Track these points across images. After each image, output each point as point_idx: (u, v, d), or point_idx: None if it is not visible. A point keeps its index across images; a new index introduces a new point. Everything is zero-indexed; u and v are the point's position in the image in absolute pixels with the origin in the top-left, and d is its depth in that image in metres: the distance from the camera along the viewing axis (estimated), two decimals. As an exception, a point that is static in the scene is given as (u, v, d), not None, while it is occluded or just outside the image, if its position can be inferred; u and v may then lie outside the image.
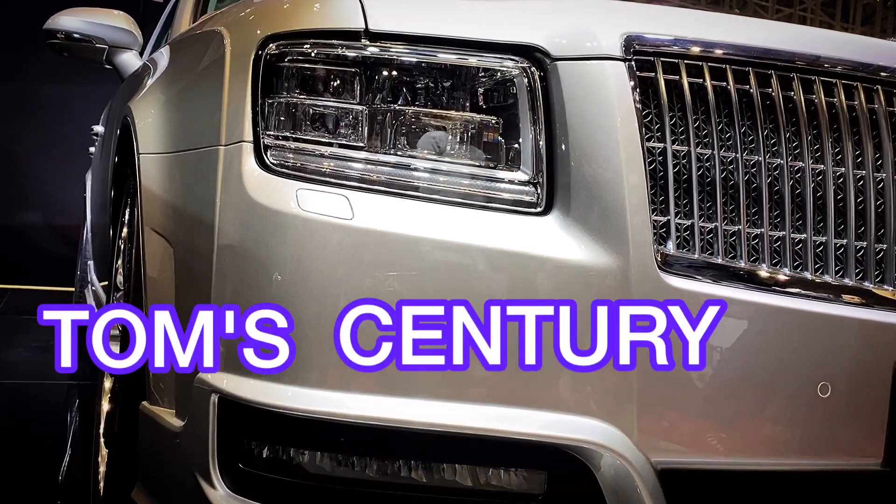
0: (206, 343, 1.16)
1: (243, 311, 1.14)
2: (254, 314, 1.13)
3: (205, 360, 1.16)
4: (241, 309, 1.14)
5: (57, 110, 6.05)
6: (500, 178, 1.20)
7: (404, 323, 1.10)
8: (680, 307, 1.13)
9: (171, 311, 1.24)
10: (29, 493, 2.05)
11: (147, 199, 1.49)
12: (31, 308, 5.02)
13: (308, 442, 1.13)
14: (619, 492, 1.13)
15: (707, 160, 1.22)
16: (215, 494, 1.15)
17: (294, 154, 1.19)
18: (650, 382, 1.14)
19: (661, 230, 1.19)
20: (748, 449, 1.18)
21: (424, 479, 1.15)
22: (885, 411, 1.21)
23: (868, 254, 1.26)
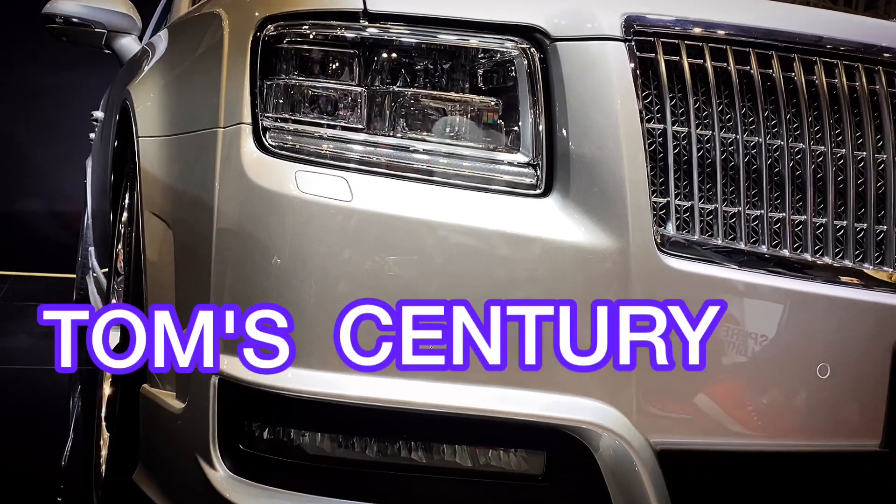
0: (207, 343, 1.16)
1: (243, 307, 1.14)
2: (256, 311, 1.13)
3: (205, 361, 1.16)
4: (242, 303, 1.14)
5: (57, 97, 6.04)
6: (500, 160, 1.20)
7: (404, 319, 1.09)
8: (680, 307, 1.13)
9: (171, 311, 1.23)
10: (32, 477, 2.06)
11: (146, 182, 1.49)
12: (33, 295, 5.04)
13: (308, 423, 1.14)
14: (617, 472, 1.13)
15: (707, 141, 1.21)
16: (216, 475, 1.15)
17: (293, 136, 1.19)
18: (649, 364, 1.14)
19: (661, 212, 1.19)
20: (747, 430, 1.18)
21: (424, 460, 1.15)
22: (885, 392, 1.21)
23: (868, 235, 1.26)
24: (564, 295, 1.14)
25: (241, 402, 1.15)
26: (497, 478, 1.15)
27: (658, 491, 1.14)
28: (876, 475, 1.25)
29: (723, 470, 1.24)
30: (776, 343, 1.18)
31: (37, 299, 4.86)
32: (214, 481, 1.15)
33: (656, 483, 1.14)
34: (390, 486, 1.13)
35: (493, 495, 1.15)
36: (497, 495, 1.15)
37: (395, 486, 1.13)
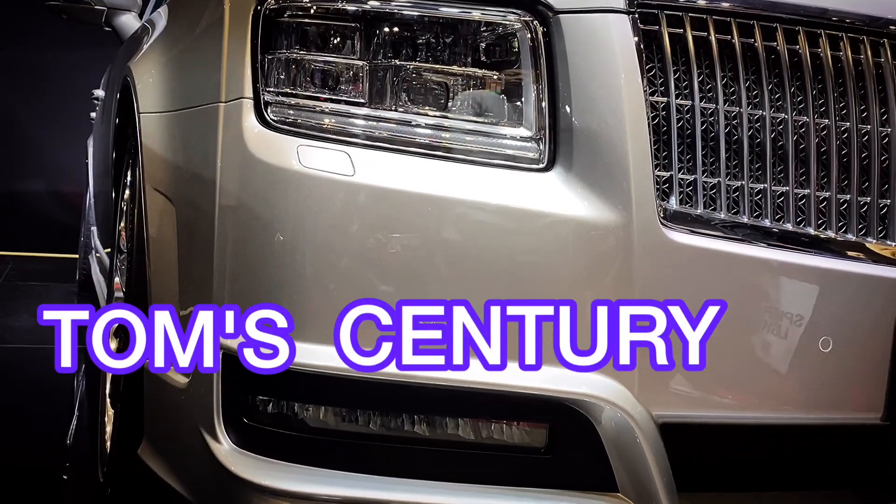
0: (207, 343, 1.16)
1: (246, 282, 1.14)
2: (256, 310, 1.13)
3: (205, 361, 1.16)
4: (245, 277, 1.14)
5: (58, 76, 6.02)
6: (502, 135, 1.19)
7: (405, 314, 1.10)
8: (680, 307, 1.12)
9: (171, 311, 1.23)
10: (37, 455, 2.08)
11: (148, 158, 1.49)
12: (36, 275, 5.05)
13: (311, 397, 1.14)
14: (619, 444, 1.14)
15: (711, 115, 1.21)
16: (220, 449, 1.16)
17: (294, 110, 1.18)
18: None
19: (664, 186, 1.18)
20: (749, 403, 1.19)
21: (427, 434, 1.16)
22: (886, 366, 1.22)
23: (871, 210, 1.26)
24: (567, 270, 1.14)
25: (246, 375, 1.15)
26: (499, 450, 1.16)
27: (660, 464, 1.15)
28: (877, 448, 1.25)
29: (725, 443, 1.24)
30: (778, 317, 1.18)
31: (39, 279, 4.88)
32: (219, 454, 1.15)
33: (658, 456, 1.14)
34: (393, 458, 1.14)
35: (495, 467, 1.15)
36: (500, 467, 1.15)
37: (398, 459, 1.14)
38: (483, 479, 1.15)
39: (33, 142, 6.11)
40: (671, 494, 1.15)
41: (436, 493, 1.12)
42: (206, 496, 1.22)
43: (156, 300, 1.44)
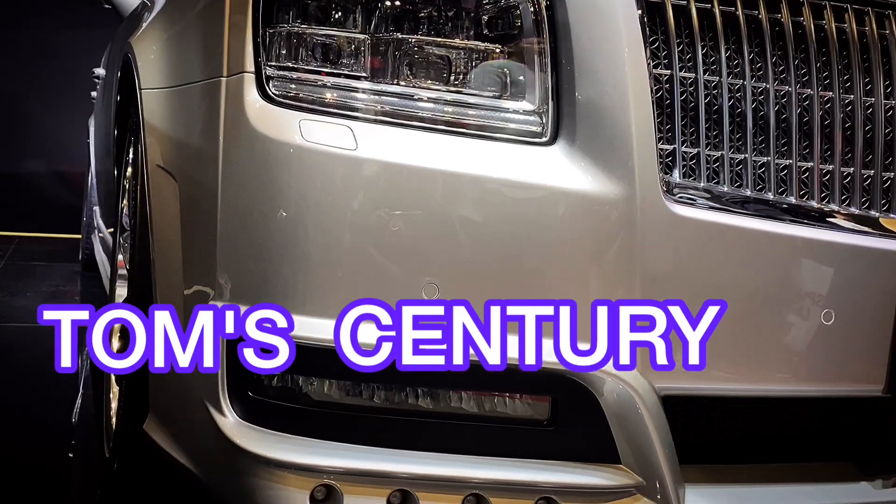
0: (207, 343, 1.16)
1: (248, 257, 1.14)
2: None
3: (204, 361, 1.17)
4: (247, 252, 1.15)
5: (58, 56, 6.00)
6: (505, 108, 1.19)
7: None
8: (680, 307, 1.12)
9: (171, 310, 1.22)
10: (43, 434, 2.09)
11: (150, 134, 1.48)
12: (39, 255, 5.06)
13: (316, 370, 1.15)
14: (621, 416, 1.15)
15: (714, 87, 1.20)
16: (226, 422, 1.17)
17: (296, 84, 1.18)
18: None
19: (667, 159, 1.18)
20: (751, 375, 1.19)
21: (431, 407, 1.17)
22: (888, 339, 1.22)
23: (875, 182, 1.25)
24: (570, 244, 1.14)
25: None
26: (503, 422, 1.17)
27: (662, 435, 1.15)
28: (878, 420, 1.26)
29: (727, 415, 1.25)
30: (781, 289, 1.18)
31: (42, 259, 4.89)
32: (224, 427, 1.16)
33: (660, 428, 1.15)
34: (397, 430, 1.15)
35: (498, 439, 1.16)
36: (503, 439, 1.16)
37: (402, 431, 1.15)
38: (486, 450, 1.16)
39: (35, 122, 6.10)
40: (673, 466, 1.16)
41: (439, 464, 1.13)
42: (211, 469, 1.23)
43: (159, 276, 1.44)
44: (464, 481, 1.12)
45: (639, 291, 1.14)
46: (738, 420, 1.27)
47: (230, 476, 1.17)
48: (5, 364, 2.70)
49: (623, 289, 1.13)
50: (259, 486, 1.13)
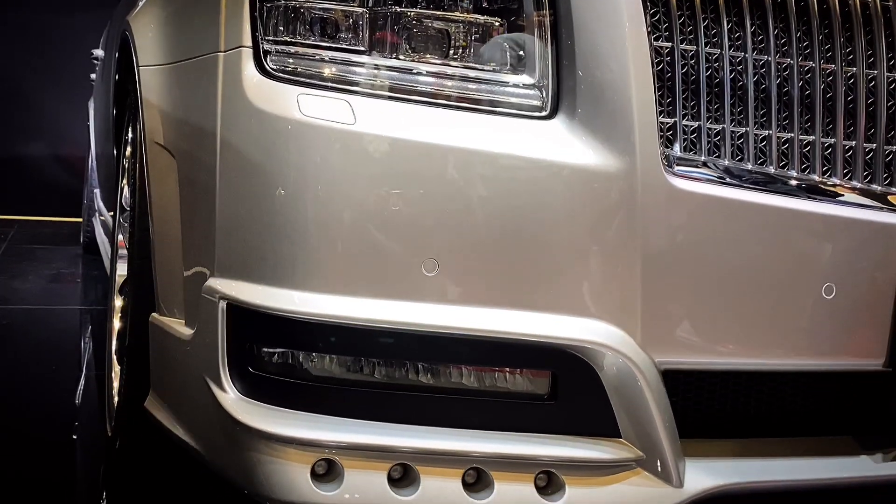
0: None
1: (248, 233, 1.13)
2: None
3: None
4: (247, 229, 1.14)
5: (57, 38, 5.97)
6: (505, 82, 1.18)
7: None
8: None
9: None
10: (46, 414, 2.10)
11: (148, 112, 1.48)
12: (40, 238, 5.06)
13: (316, 345, 1.15)
14: (621, 390, 1.15)
15: (716, 60, 1.19)
16: (226, 398, 1.17)
17: (294, 59, 1.17)
18: (655, 284, 1.14)
19: (668, 132, 1.17)
20: (752, 349, 1.19)
21: (431, 382, 1.17)
22: (889, 312, 1.22)
23: (877, 156, 1.25)
24: (570, 217, 1.13)
25: (250, 325, 1.16)
26: (503, 397, 1.17)
27: (662, 410, 1.15)
28: (879, 394, 1.26)
29: (727, 389, 1.25)
30: (782, 263, 1.18)
31: (43, 243, 4.89)
32: (225, 403, 1.16)
33: (660, 402, 1.15)
34: (397, 405, 1.15)
35: (499, 414, 1.16)
36: (503, 414, 1.16)
37: (403, 406, 1.15)
38: (487, 425, 1.16)
39: (34, 105, 6.08)
40: (673, 440, 1.16)
41: (440, 438, 1.13)
42: (212, 444, 1.23)
43: (159, 255, 1.44)
44: (464, 455, 1.13)
45: (639, 265, 1.13)
46: (738, 394, 1.27)
47: (231, 451, 1.17)
48: (8, 345, 2.71)
49: (624, 262, 1.13)
50: (260, 461, 1.13)
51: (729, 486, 1.19)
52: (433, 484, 1.12)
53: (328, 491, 1.11)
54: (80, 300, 3.54)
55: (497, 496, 1.12)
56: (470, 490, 1.13)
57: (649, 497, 1.15)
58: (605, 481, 1.15)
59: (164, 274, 1.42)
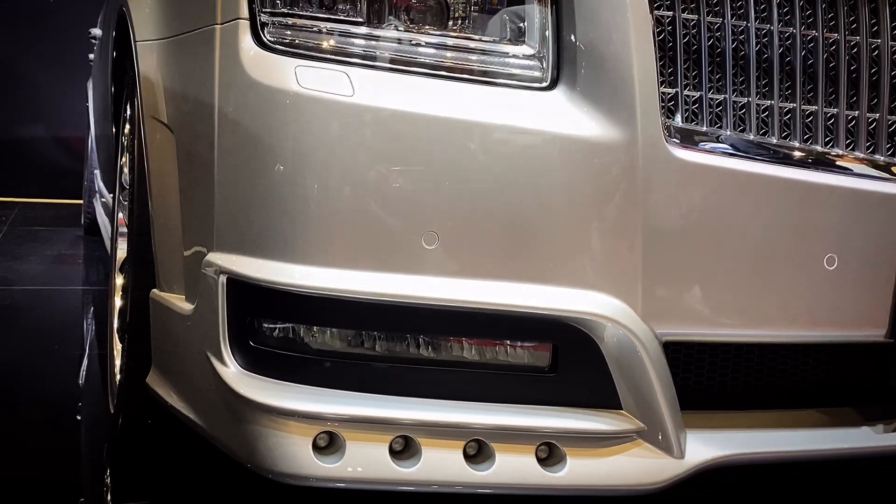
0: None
1: (247, 207, 1.13)
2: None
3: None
4: (245, 203, 1.14)
5: (55, 18, 5.93)
6: (505, 53, 1.17)
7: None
8: None
9: None
10: (49, 393, 2.11)
11: (146, 87, 1.47)
12: (41, 220, 5.06)
13: (316, 319, 1.15)
14: (621, 362, 1.14)
15: (717, 30, 1.18)
16: (227, 372, 1.17)
17: (292, 31, 1.16)
18: (656, 256, 1.14)
19: (670, 103, 1.16)
20: (753, 321, 1.19)
21: (432, 355, 1.17)
22: (891, 283, 1.22)
23: (880, 126, 1.24)
24: (571, 188, 1.13)
25: (251, 299, 1.15)
26: (504, 369, 1.17)
27: (663, 381, 1.15)
28: (880, 365, 1.26)
29: (728, 361, 1.25)
30: (784, 234, 1.17)
31: (44, 225, 4.89)
32: (226, 377, 1.16)
33: (661, 373, 1.15)
34: (398, 378, 1.15)
35: (500, 387, 1.16)
36: (504, 386, 1.16)
37: (403, 379, 1.15)
38: (488, 397, 1.16)
39: (33, 88, 6.05)
40: (674, 412, 1.16)
41: (442, 410, 1.13)
42: (213, 418, 1.24)
43: (158, 231, 1.43)
44: (466, 427, 1.13)
45: (640, 236, 1.13)
46: (739, 366, 1.26)
47: (232, 425, 1.18)
48: (11, 325, 2.72)
49: (625, 233, 1.12)
50: (261, 435, 1.13)
51: (730, 457, 1.19)
52: (434, 456, 1.12)
53: (330, 463, 1.11)
54: (82, 281, 3.54)
55: (498, 468, 1.13)
56: (471, 462, 1.14)
57: (650, 468, 1.16)
58: (605, 452, 1.16)
59: (164, 250, 1.41)
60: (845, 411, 1.30)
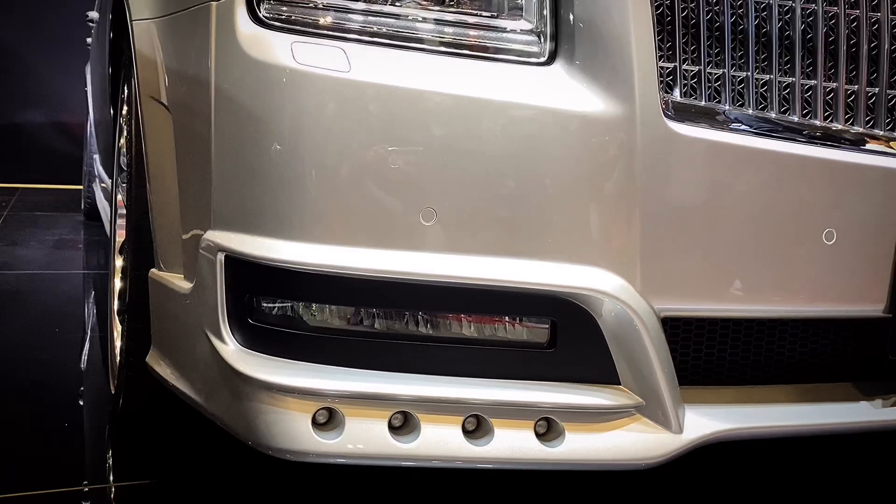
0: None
1: (245, 186, 1.13)
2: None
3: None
4: (243, 182, 1.14)
5: (53, 4, 5.91)
6: (502, 28, 1.16)
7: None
8: None
9: None
10: (50, 375, 2.11)
11: (143, 66, 1.46)
12: (41, 205, 5.07)
13: (314, 296, 1.15)
14: (620, 337, 1.15)
15: (716, 4, 1.17)
16: (226, 349, 1.17)
17: (287, 6, 1.15)
18: (654, 231, 1.13)
19: (668, 77, 1.16)
20: (751, 295, 1.19)
21: (431, 332, 1.17)
22: (890, 258, 1.21)
23: (880, 100, 1.23)
24: (569, 164, 1.12)
25: (249, 276, 1.15)
26: (503, 345, 1.17)
27: (662, 356, 1.15)
28: (879, 340, 1.26)
29: (727, 336, 1.25)
30: (782, 208, 1.17)
31: (44, 210, 4.90)
32: (225, 355, 1.16)
33: (660, 349, 1.15)
34: (397, 354, 1.15)
35: (498, 362, 1.16)
36: (503, 362, 1.16)
37: (402, 355, 1.15)
38: (487, 373, 1.16)
39: (32, 73, 6.04)
40: (673, 387, 1.17)
41: (440, 386, 1.13)
42: (213, 396, 1.24)
43: (156, 210, 1.43)
44: (464, 402, 1.13)
45: (639, 211, 1.12)
46: (738, 341, 1.27)
47: (232, 402, 1.18)
48: (12, 309, 2.72)
49: (623, 208, 1.12)
50: (261, 411, 1.14)
51: (728, 431, 1.19)
52: (433, 431, 1.13)
53: (329, 439, 1.12)
54: (83, 265, 3.55)
55: (497, 442, 1.13)
56: (470, 437, 1.14)
57: (649, 442, 1.16)
58: (604, 427, 1.16)
59: (163, 229, 1.41)
60: (844, 386, 1.30)
